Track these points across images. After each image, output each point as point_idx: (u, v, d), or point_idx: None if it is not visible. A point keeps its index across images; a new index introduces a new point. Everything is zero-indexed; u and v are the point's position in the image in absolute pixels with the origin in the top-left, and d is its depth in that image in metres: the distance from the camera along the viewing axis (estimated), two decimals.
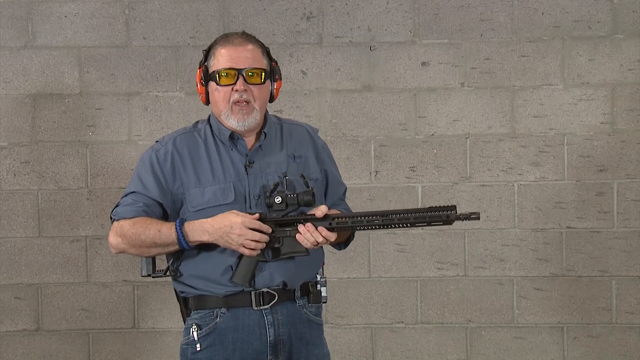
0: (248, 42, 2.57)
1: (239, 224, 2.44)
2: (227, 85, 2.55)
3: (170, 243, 2.49)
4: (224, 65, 2.54)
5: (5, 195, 4.13)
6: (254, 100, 2.56)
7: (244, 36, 2.59)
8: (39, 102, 4.12)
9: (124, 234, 2.53)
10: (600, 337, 4.11)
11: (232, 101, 2.55)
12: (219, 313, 2.55)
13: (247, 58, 2.55)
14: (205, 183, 2.55)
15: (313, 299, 2.61)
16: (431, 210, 2.41)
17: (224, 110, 2.56)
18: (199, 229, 2.47)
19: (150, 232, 2.49)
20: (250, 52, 2.56)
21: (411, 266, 4.14)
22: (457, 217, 2.39)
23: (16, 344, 4.15)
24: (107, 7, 4.12)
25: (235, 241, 2.45)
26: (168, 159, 2.58)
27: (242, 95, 2.54)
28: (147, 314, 4.15)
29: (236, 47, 2.55)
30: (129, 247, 2.55)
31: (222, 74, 2.54)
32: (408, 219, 2.43)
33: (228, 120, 2.57)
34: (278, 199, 2.48)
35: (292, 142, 2.67)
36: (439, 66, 4.12)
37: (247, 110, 2.55)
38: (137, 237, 2.50)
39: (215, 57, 2.58)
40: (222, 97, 2.56)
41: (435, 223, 2.42)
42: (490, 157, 4.12)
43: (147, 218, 2.53)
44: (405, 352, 4.15)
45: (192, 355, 2.56)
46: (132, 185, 2.59)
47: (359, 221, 2.46)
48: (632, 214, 4.08)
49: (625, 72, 4.07)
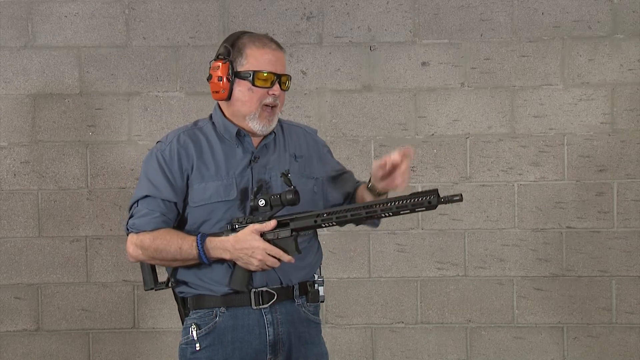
0: (281, 49, 2.60)
1: (260, 249, 2.45)
2: (263, 88, 2.54)
3: (191, 259, 2.52)
4: (264, 68, 2.53)
5: (5, 195, 4.13)
6: (279, 105, 2.59)
7: (274, 41, 2.61)
8: (39, 102, 4.13)
9: (144, 247, 2.54)
10: (600, 337, 4.11)
11: (264, 104, 2.55)
12: (218, 312, 2.55)
13: (283, 64, 2.58)
14: (207, 179, 2.55)
15: (311, 298, 2.62)
16: (413, 197, 2.40)
17: (252, 111, 2.56)
18: (220, 247, 2.48)
19: (171, 248, 2.51)
20: (283, 60, 2.59)
21: (411, 266, 4.14)
22: (440, 201, 2.38)
23: (16, 344, 4.15)
24: (107, 7, 4.12)
25: (254, 265, 2.47)
26: (175, 157, 2.57)
27: (275, 100, 2.56)
28: (147, 314, 4.16)
29: (274, 52, 2.56)
30: (148, 259, 2.58)
31: (263, 75, 2.53)
32: (391, 208, 2.43)
33: (251, 122, 2.56)
34: (262, 201, 2.48)
35: (292, 142, 2.68)
36: (439, 66, 4.12)
37: (273, 116, 2.57)
38: (159, 254, 2.53)
39: (247, 56, 2.55)
40: (257, 98, 2.55)
41: (419, 209, 2.41)
42: (490, 157, 4.12)
43: (167, 231, 2.54)
44: (405, 352, 4.15)
45: (191, 355, 2.56)
46: (143, 189, 2.58)
47: (344, 216, 2.47)
48: (632, 214, 4.08)
49: (625, 72, 4.07)
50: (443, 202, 2.38)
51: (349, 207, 2.48)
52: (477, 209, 4.11)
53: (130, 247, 2.57)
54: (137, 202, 2.58)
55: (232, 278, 2.51)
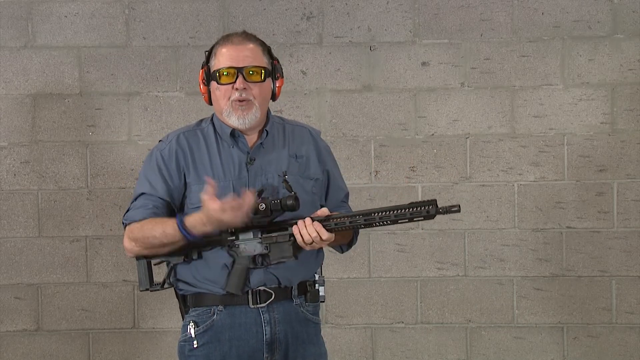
0: (248, 41, 2.60)
1: (218, 210, 2.40)
2: (227, 84, 2.57)
3: (178, 240, 2.50)
4: (224, 64, 2.56)
5: (5, 195, 4.13)
6: (254, 98, 2.57)
7: (244, 35, 2.62)
8: (39, 102, 4.13)
9: (135, 237, 2.55)
10: (600, 337, 4.11)
11: (232, 99, 2.56)
12: (216, 311, 2.56)
13: (247, 57, 2.57)
14: (205, 180, 2.56)
15: (310, 298, 2.62)
16: (412, 207, 2.41)
17: (224, 108, 2.58)
18: (198, 223, 2.46)
19: (156, 233, 2.51)
20: (250, 51, 2.58)
21: (411, 266, 4.14)
22: (438, 211, 2.39)
23: (16, 344, 4.15)
24: (107, 7, 4.12)
25: (229, 218, 2.41)
26: (172, 157, 2.59)
27: (241, 94, 2.56)
28: (147, 314, 4.16)
29: (236, 46, 2.58)
30: (142, 250, 2.57)
31: (223, 72, 2.56)
32: (389, 216, 2.43)
33: (229, 118, 2.58)
34: (262, 205, 2.47)
35: (294, 142, 2.68)
36: (439, 66, 4.12)
37: (247, 107, 2.57)
38: (147, 240, 2.53)
39: (216, 57, 2.60)
40: (223, 95, 2.58)
41: (417, 219, 2.42)
42: (490, 157, 4.11)
43: (153, 219, 2.54)
44: (405, 352, 4.15)
45: (189, 352, 2.57)
46: (141, 187, 2.61)
47: (342, 222, 2.47)
48: (632, 214, 4.08)
49: (625, 72, 4.07)
50: (441, 213, 2.38)
51: (348, 214, 2.49)
52: (477, 209, 4.11)
53: (126, 241, 2.58)
54: (135, 199, 2.61)
55: (228, 281, 2.52)
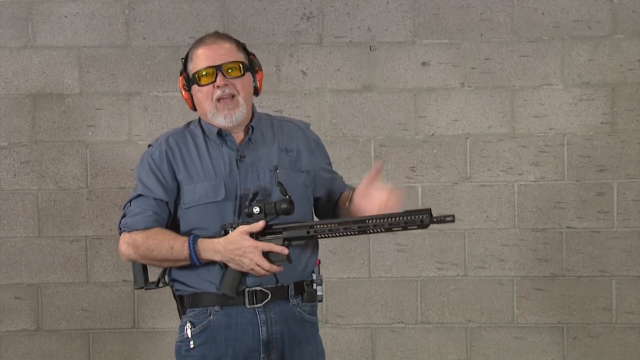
0: (221, 40, 2.60)
1: (251, 248, 2.45)
2: (208, 84, 2.56)
3: (182, 259, 2.52)
4: (202, 65, 2.56)
5: (5, 195, 4.13)
6: (237, 93, 2.57)
7: (217, 35, 2.62)
8: (39, 102, 4.13)
9: (136, 246, 2.55)
10: (600, 337, 4.11)
11: (216, 98, 2.56)
12: (213, 311, 2.56)
13: (222, 54, 2.56)
14: (196, 180, 2.57)
15: (307, 297, 2.61)
16: (406, 215, 2.41)
17: (209, 109, 2.58)
18: (211, 248, 2.48)
19: (162, 248, 2.51)
20: (226, 49, 2.58)
21: (411, 266, 4.14)
22: (432, 220, 2.40)
23: (16, 344, 4.15)
24: (107, 7, 4.12)
25: (247, 265, 2.47)
26: (163, 158, 2.60)
27: (224, 91, 2.55)
28: (147, 314, 4.16)
29: (210, 46, 2.58)
30: (139, 259, 2.58)
31: (202, 73, 2.56)
32: (383, 224, 2.43)
33: (215, 119, 2.58)
34: (256, 209, 2.48)
35: (283, 136, 2.67)
36: (439, 66, 4.12)
37: (233, 105, 2.57)
38: (150, 253, 2.53)
39: (192, 60, 2.60)
40: (205, 96, 2.57)
41: (411, 227, 2.42)
42: (490, 157, 4.11)
43: (160, 231, 2.55)
44: (405, 352, 4.15)
45: (185, 352, 2.57)
46: (136, 190, 2.62)
47: (336, 229, 2.47)
48: (632, 214, 4.08)
49: (625, 72, 4.07)
50: (435, 222, 2.40)
51: (342, 220, 2.49)
52: (477, 209, 4.11)
53: (123, 246, 2.58)
54: (130, 202, 2.61)
55: (222, 282, 2.52)
